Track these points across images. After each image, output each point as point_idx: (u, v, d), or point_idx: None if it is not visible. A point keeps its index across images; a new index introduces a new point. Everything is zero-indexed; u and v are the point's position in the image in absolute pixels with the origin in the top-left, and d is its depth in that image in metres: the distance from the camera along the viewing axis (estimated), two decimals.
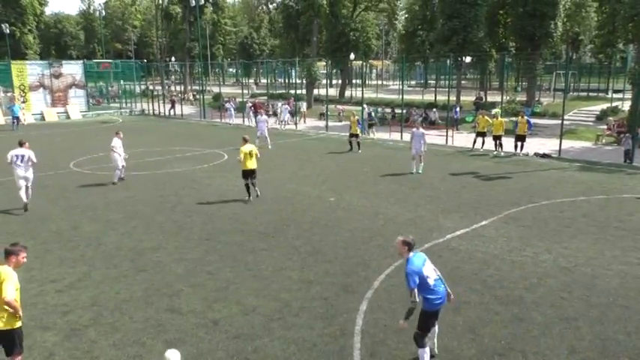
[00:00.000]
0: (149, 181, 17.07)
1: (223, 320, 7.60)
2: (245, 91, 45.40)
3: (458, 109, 31.27)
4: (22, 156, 13.32)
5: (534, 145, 22.75)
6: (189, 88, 61.25)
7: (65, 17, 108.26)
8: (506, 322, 7.44)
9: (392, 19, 60.64)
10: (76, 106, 41.12)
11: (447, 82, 35.33)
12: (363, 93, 33.48)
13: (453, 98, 31.35)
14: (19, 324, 5.79)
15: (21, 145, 13.60)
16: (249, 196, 14.31)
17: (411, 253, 6.16)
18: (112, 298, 8.40)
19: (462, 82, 43.65)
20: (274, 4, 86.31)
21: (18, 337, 5.82)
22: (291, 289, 8.62)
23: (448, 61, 35.96)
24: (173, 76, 74.97)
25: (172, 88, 63.98)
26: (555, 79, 43.55)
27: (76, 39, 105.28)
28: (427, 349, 6.21)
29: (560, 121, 22.47)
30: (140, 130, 30.98)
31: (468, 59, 35.26)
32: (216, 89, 53.22)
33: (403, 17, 46.69)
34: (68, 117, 39.93)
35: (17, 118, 33.21)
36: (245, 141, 14.26)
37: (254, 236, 11.31)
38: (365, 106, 30.36)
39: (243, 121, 34.34)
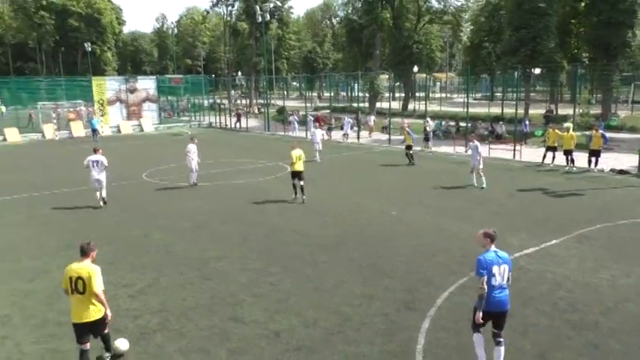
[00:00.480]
0: (216, 192, 17.64)
1: (284, 332, 7.68)
2: (308, 105, 46.00)
3: (527, 122, 30.18)
4: (98, 161, 15.27)
5: (610, 161, 21.47)
6: (254, 101, 62.99)
7: (141, 35, 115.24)
8: (580, 349, 7.02)
9: (457, 31, 59.63)
10: (149, 119, 43.33)
11: (514, 94, 34.19)
12: (426, 106, 33.02)
13: (520, 111, 30.29)
14: (106, 310, 6.65)
15: (95, 152, 15.61)
16: (296, 195, 15.75)
17: (493, 246, 6.19)
18: (179, 304, 8.71)
19: (531, 94, 42.09)
20: (338, 19, 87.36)
21: (106, 318, 6.71)
22: (352, 303, 8.58)
23: (516, 73, 34.87)
24: (239, 90, 77.39)
25: (238, 101, 66.04)
26: (634, 90, 41.06)
27: (150, 55, 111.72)
28: (479, 334, 6.30)
29: (639, 136, 21.10)
30: (208, 143, 32.05)
31: (537, 71, 34.03)
32: (280, 103, 54.36)
33: (468, 29, 45.86)
34: (142, 129, 42.09)
35: (95, 131, 35.32)
36: (294, 147, 15.99)
37: (315, 249, 11.39)
38: (428, 119, 30.01)
39: (306, 134, 34.78)
